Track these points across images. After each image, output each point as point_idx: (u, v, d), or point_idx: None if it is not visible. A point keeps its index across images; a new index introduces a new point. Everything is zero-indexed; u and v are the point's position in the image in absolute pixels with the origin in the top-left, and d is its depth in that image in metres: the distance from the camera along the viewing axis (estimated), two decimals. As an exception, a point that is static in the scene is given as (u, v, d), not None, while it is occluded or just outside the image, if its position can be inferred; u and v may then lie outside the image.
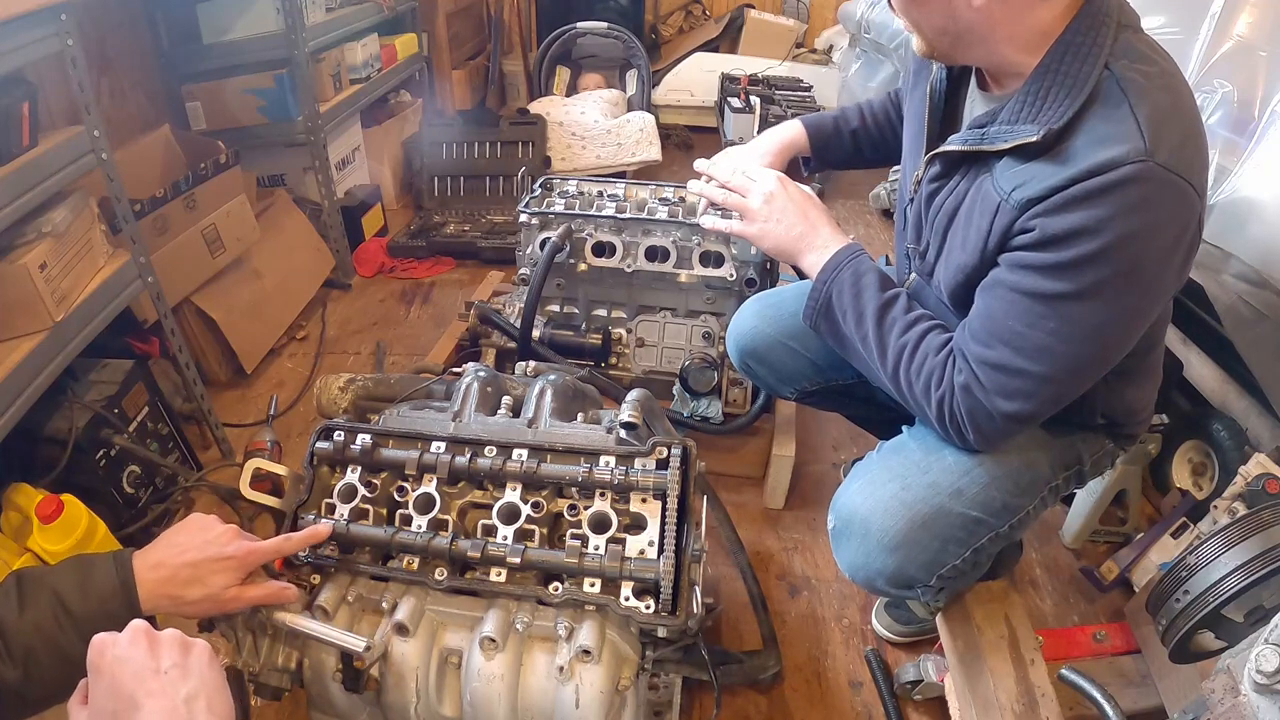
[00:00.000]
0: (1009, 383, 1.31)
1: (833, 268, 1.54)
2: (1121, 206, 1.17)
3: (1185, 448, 2.33)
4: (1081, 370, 1.34)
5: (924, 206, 1.51)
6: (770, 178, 1.67)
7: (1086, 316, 1.26)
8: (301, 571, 1.45)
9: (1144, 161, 1.16)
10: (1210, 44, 2.11)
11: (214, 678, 1.03)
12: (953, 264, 1.42)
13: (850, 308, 1.50)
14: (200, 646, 1.04)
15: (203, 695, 0.99)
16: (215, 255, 2.81)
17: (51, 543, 1.81)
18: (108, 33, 2.84)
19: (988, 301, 1.34)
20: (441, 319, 3.47)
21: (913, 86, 1.65)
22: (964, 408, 1.36)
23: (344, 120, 3.74)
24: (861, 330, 1.49)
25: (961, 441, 1.43)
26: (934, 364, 1.40)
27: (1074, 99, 1.23)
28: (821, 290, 1.54)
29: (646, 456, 1.43)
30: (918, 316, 1.46)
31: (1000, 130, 1.30)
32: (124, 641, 1.01)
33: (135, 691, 0.97)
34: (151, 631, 1.03)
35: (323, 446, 1.50)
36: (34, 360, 1.88)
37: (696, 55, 5.85)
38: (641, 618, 1.33)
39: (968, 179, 1.39)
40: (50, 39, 1.86)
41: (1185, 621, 1.38)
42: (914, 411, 1.49)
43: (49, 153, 1.91)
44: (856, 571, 1.54)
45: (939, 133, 1.52)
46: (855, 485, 1.56)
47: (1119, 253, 1.20)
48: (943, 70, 1.51)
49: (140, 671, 0.99)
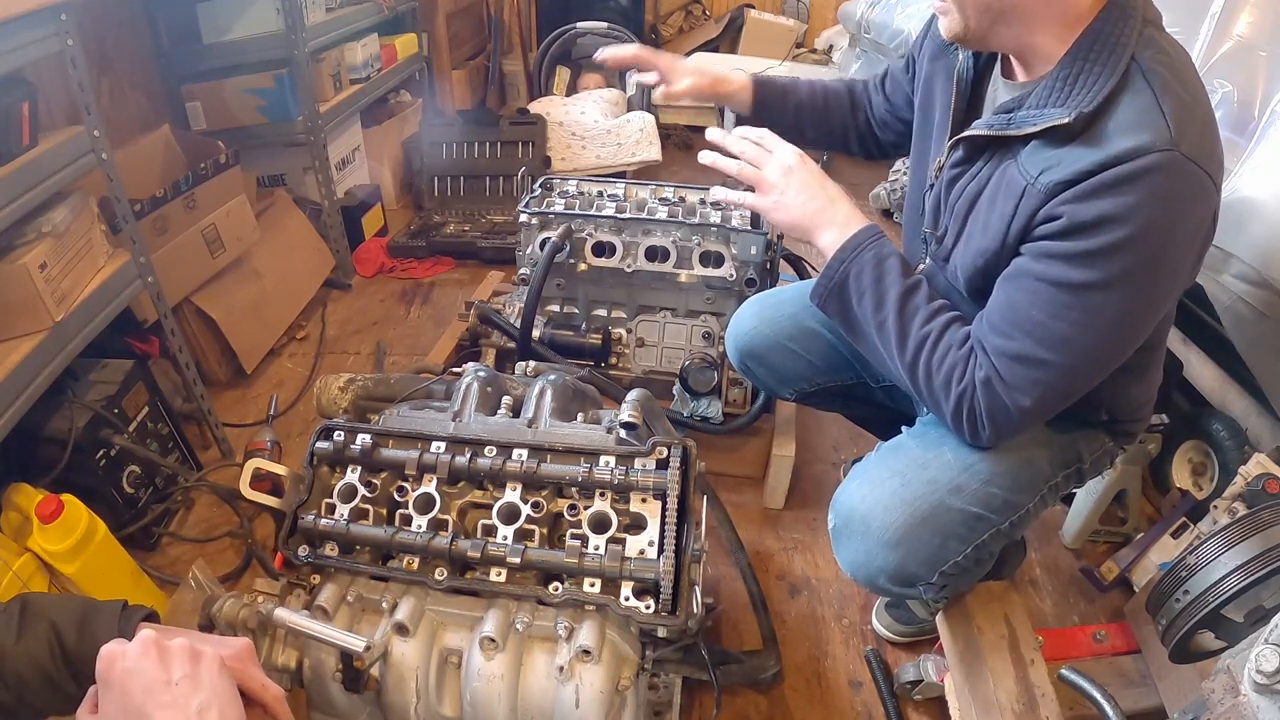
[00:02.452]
0: (1028, 374, 1.31)
1: (853, 247, 1.48)
2: (1149, 194, 1.18)
3: (1185, 448, 2.33)
4: (1100, 361, 1.34)
5: (944, 191, 1.51)
6: (787, 150, 1.59)
7: (1109, 306, 1.26)
8: (301, 571, 1.45)
9: (1170, 150, 1.17)
10: (1210, 44, 2.11)
11: (225, 687, 1.02)
12: (972, 249, 1.41)
13: (870, 290, 1.45)
14: (209, 655, 1.04)
15: (215, 706, 0.98)
16: (215, 255, 2.81)
17: (51, 542, 1.81)
18: (108, 32, 2.84)
19: (1009, 292, 1.33)
20: (441, 319, 3.47)
21: (928, 76, 1.64)
22: (984, 403, 1.35)
23: (344, 120, 3.74)
24: (880, 315, 1.45)
25: (974, 438, 1.41)
26: (956, 357, 1.38)
27: (1104, 85, 1.23)
28: (839, 269, 1.48)
29: (646, 456, 1.43)
30: (941, 306, 1.44)
31: (1029, 114, 1.31)
32: (133, 653, 1.00)
33: (145, 704, 0.96)
34: (161, 642, 1.02)
35: (323, 446, 1.50)
36: (34, 360, 1.88)
37: (697, 55, 5.84)
38: (641, 618, 1.33)
39: (991, 164, 1.39)
40: (50, 39, 1.86)
41: (1185, 621, 1.38)
42: (924, 402, 1.46)
43: (49, 152, 1.90)
44: (858, 570, 1.54)
45: (963, 118, 1.52)
46: (855, 484, 1.56)
47: (1144, 242, 1.20)
48: (970, 58, 1.51)
49: (151, 684, 0.98)
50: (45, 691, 1.12)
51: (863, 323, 1.48)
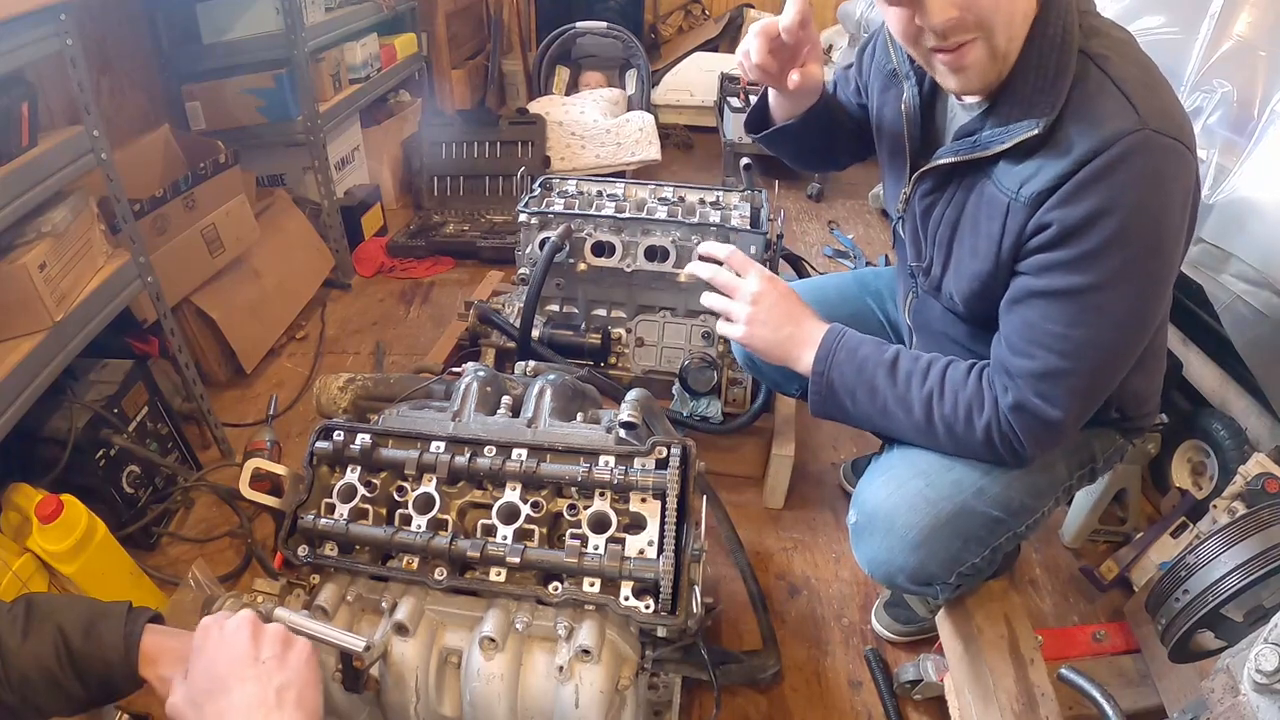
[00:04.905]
0: (1058, 386, 1.31)
1: (825, 355, 1.50)
2: (1132, 179, 1.18)
3: (1185, 447, 2.33)
4: (1124, 354, 1.34)
5: (920, 222, 1.50)
6: (754, 277, 1.59)
7: (1121, 300, 1.26)
8: (301, 571, 1.45)
9: (1140, 130, 1.17)
10: (1210, 44, 2.11)
11: (309, 674, 1.07)
12: (965, 273, 1.41)
13: (859, 385, 1.47)
14: (301, 643, 1.09)
15: (294, 687, 1.03)
16: (215, 255, 2.81)
17: (51, 543, 1.81)
18: (107, 32, 2.84)
19: (1021, 313, 1.33)
20: (441, 319, 3.47)
21: (879, 107, 1.63)
22: (1018, 426, 1.35)
23: (343, 120, 3.74)
24: (878, 402, 1.46)
25: (1015, 460, 1.41)
26: (968, 395, 1.39)
27: (1061, 86, 1.23)
28: (822, 380, 1.50)
29: (646, 456, 1.43)
30: (929, 361, 1.45)
31: (994, 134, 1.30)
32: (230, 627, 1.08)
33: (228, 675, 1.02)
34: (257, 622, 1.10)
35: (322, 446, 1.50)
36: (34, 360, 1.88)
37: (696, 55, 5.84)
38: (641, 617, 1.33)
39: (964, 187, 1.39)
40: (50, 39, 1.86)
41: (1185, 621, 1.38)
42: (954, 452, 1.47)
43: (49, 152, 1.90)
44: (878, 567, 1.54)
45: (921, 150, 1.51)
46: (878, 481, 1.55)
47: (1139, 227, 1.20)
48: (914, 90, 1.48)
49: (239, 657, 1.04)
50: (49, 693, 1.13)
51: (868, 416, 1.50)
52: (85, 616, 1.17)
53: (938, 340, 1.63)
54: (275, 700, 1.00)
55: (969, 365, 1.42)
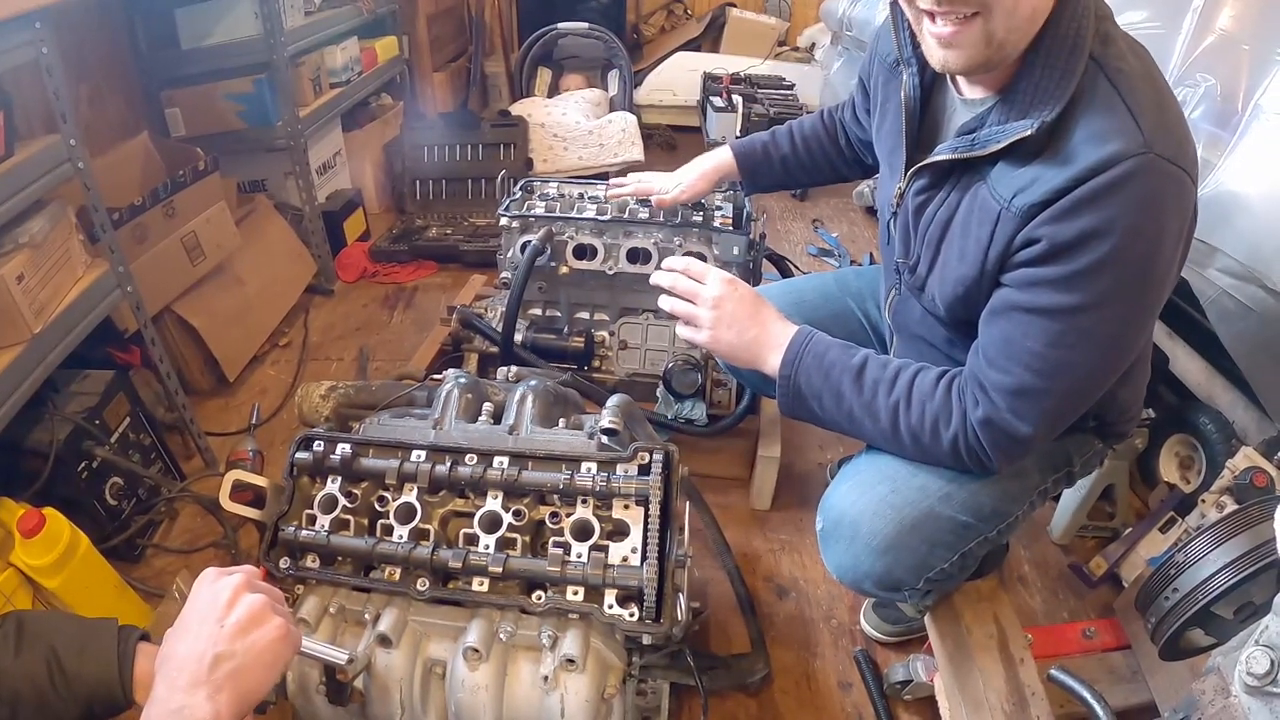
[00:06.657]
0: (1031, 404, 1.29)
1: (792, 359, 1.50)
2: (1129, 204, 1.15)
3: (1172, 441, 2.33)
4: (1102, 378, 1.33)
5: (912, 219, 1.48)
6: (716, 281, 1.59)
7: (1104, 324, 1.24)
8: (283, 583, 1.44)
9: (1144, 154, 1.14)
10: (1193, 38, 2.11)
11: (261, 656, 1.02)
12: (950, 277, 1.40)
13: (825, 389, 1.47)
14: (272, 624, 1.04)
15: (235, 661, 0.99)
16: (195, 263, 2.79)
17: (34, 557, 1.79)
18: (85, 39, 2.82)
19: (1001, 327, 1.31)
20: (424, 323, 3.45)
21: (882, 101, 1.62)
22: (985, 440, 1.34)
23: (324, 124, 3.72)
24: (844, 407, 1.46)
25: (982, 471, 1.41)
26: (935, 406, 1.38)
27: (1064, 90, 1.20)
28: (789, 383, 1.50)
29: (628, 462, 1.42)
30: (898, 368, 1.44)
31: (991, 131, 1.27)
32: (221, 584, 1.06)
33: (190, 624, 1.02)
34: (250, 584, 1.07)
35: (302, 457, 1.48)
36: (13, 372, 1.86)
37: (678, 54, 5.85)
38: (626, 626, 1.32)
39: (959, 188, 1.37)
40: (25, 47, 1.84)
41: (1175, 619, 1.38)
42: (921, 460, 1.46)
43: (25, 162, 1.88)
44: (844, 573, 1.54)
45: (918, 143, 1.49)
46: (844, 486, 1.55)
47: (1131, 253, 1.17)
48: (915, 79, 1.46)
49: (207, 613, 1.02)
50: (39, 711, 1.12)
51: (835, 421, 1.50)
52: (78, 638, 1.16)
53: (915, 344, 1.63)
54: (208, 667, 0.96)
55: (937, 375, 1.40)
